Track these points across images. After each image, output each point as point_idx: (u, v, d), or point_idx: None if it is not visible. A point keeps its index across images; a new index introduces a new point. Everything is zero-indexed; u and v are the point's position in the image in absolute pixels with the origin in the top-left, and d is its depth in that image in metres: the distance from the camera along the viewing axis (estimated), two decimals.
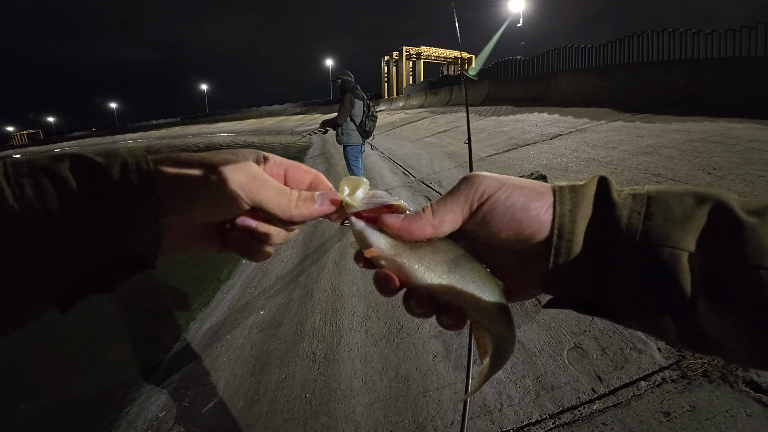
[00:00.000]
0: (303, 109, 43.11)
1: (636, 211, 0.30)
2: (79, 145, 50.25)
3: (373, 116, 4.76)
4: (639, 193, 0.31)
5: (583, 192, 0.33)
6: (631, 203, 0.31)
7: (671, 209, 0.30)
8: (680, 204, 0.30)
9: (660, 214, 0.30)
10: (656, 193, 0.31)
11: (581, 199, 0.32)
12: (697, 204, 0.29)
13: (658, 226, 0.29)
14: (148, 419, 2.22)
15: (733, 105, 7.03)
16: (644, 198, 0.31)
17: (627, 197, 0.31)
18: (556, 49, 14.52)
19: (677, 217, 0.29)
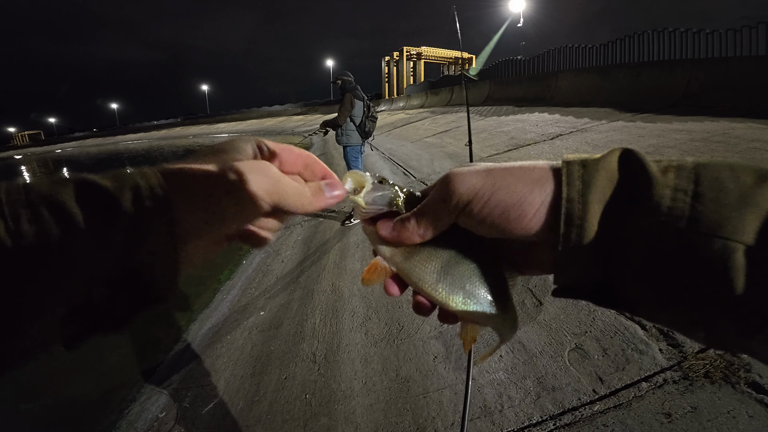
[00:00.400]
0: (304, 109, 43.14)
1: (681, 190, 0.25)
2: (80, 145, 50.35)
3: (373, 117, 4.76)
4: (684, 166, 0.26)
5: (598, 167, 0.27)
6: (675, 179, 0.25)
7: (726, 189, 0.24)
8: (736, 182, 0.24)
9: (711, 194, 0.24)
10: (705, 167, 0.25)
11: (596, 177, 0.27)
12: (758, 183, 0.24)
13: (710, 210, 0.24)
14: (149, 420, 2.22)
15: (734, 105, 7.02)
16: (691, 173, 0.25)
17: (669, 170, 0.26)
18: (557, 49, 14.50)
19: (733, 199, 0.24)
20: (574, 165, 0.28)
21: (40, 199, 0.24)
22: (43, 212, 0.24)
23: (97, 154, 31.58)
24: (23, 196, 0.24)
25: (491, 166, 0.31)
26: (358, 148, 4.77)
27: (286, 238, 4.84)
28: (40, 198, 0.24)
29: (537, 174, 0.29)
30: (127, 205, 0.26)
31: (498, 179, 0.30)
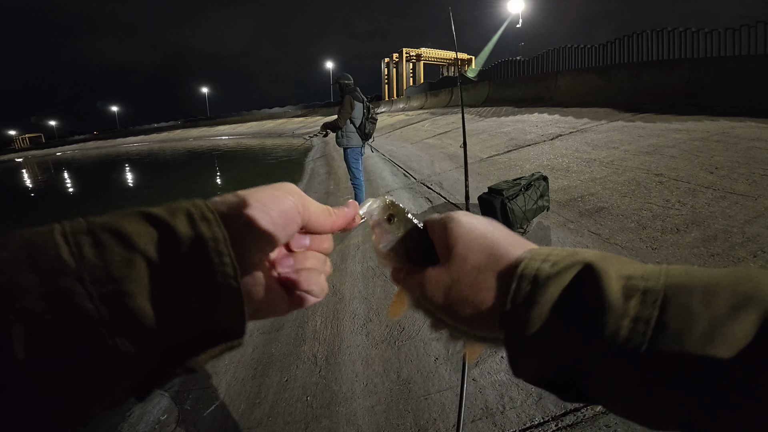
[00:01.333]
0: (304, 111, 43.22)
1: (643, 320, 0.23)
2: (81, 148, 50.42)
3: (372, 118, 4.76)
4: (652, 289, 0.24)
5: (546, 287, 0.27)
6: (638, 307, 0.24)
7: (693, 320, 0.22)
8: (707, 310, 0.22)
9: (676, 326, 0.22)
10: (677, 289, 0.23)
11: (540, 297, 0.27)
12: (731, 312, 0.22)
13: (670, 343, 0.22)
14: (150, 422, 2.22)
15: (733, 104, 7.02)
16: (657, 299, 0.23)
17: (633, 295, 0.24)
18: (556, 50, 14.52)
19: (699, 333, 0.22)
20: (524, 281, 0.28)
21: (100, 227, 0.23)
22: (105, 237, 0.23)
23: (98, 157, 31.61)
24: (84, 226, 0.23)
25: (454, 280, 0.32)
26: (358, 150, 4.77)
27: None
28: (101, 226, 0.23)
29: (489, 293, 0.30)
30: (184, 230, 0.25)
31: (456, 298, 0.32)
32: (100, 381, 0.22)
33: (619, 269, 0.26)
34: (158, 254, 0.24)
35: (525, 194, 3.69)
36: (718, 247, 2.81)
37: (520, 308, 0.27)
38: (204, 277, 0.25)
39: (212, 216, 0.26)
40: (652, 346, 0.22)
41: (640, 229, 3.31)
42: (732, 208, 3.31)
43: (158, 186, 13.39)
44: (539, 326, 0.27)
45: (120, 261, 0.22)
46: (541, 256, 0.29)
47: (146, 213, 0.25)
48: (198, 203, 0.27)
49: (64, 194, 14.25)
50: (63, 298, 0.21)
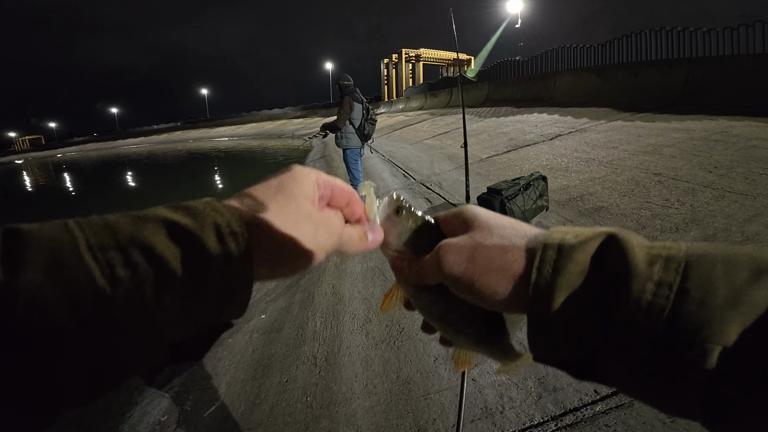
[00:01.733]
0: (303, 112, 43.23)
1: (666, 285, 0.23)
2: (80, 150, 50.44)
3: (372, 119, 4.77)
4: (674, 256, 0.24)
5: (572, 255, 0.27)
6: (661, 272, 0.24)
7: (714, 288, 0.22)
8: (728, 279, 0.22)
9: (698, 293, 0.22)
10: (698, 258, 0.24)
11: (566, 265, 0.27)
12: (751, 279, 0.22)
13: (693, 311, 0.22)
14: (150, 423, 2.22)
15: (732, 103, 7.03)
16: (680, 265, 0.24)
17: (656, 261, 0.24)
18: (555, 50, 14.52)
19: (721, 299, 0.22)
20: (549, 249, 0.28)
21: (129, 242, 0.23)
22: (136, 258, 0.23)
23: (98, 159, 31.62)
24: (110, 237, 0.23)
25: (478, 245, 0.31)
26: (357, 150, 4.78)
27: None
28: (129, 241, 0.23)
29: (516, 258, 0.29)
30: (213, 246, 0.25)
31: (483, 265, 0.30)
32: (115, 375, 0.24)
33: (640, 240, 0.27)
34: (186, 273, 0.24)
35: (524, 194, 3.70)
36: None
37: (546, 277, 0.27)
38: (223, 293, 0.26)
39: (240, 230, 0.27)
40: (676, 309, 0.23)
41: (639, 228, 3.31)
42: (731, 207, 3.31)
43: (159, 188, 13.40)
44: (567, 295, 0.26)
45: (151, 284, 0.23)
46: (562, 230, 0.29)
47: (173, 224, 0.25)
48: (225, 214, 0.27)
49: (67, 196, 14.26)
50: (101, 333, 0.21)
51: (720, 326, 0.22)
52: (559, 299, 0.26)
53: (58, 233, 0.22)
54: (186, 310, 0.25)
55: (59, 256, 0.21)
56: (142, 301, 0.22)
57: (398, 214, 0.38)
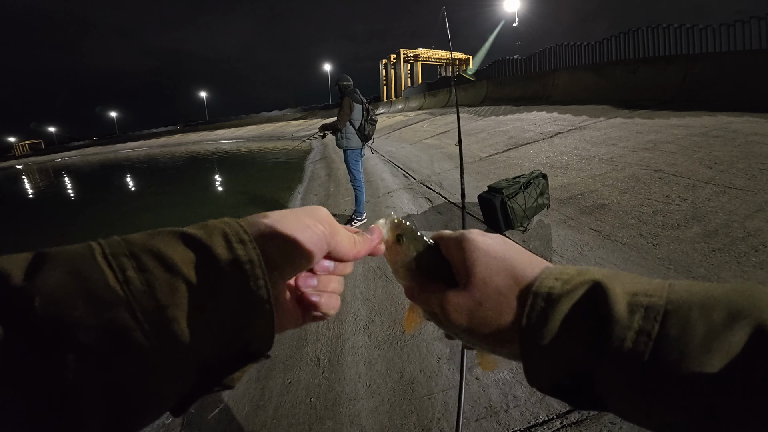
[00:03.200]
0: (303, 114, 43.25)
1: (645, 333, 0.25)
2: (80, 154, 50.47)
3: (372, 120, 4.77)
4: (654, 306, 0.26)
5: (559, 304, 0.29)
6: (641, 321, 0.26)
7: (692, 331, 0.24)
8: (704, 320, 0.24)
9: (676, 335, 0.24)
10: (678, 304, 0.26)
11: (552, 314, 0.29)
12: (727, 323, 0.24)
13: (670, 351, 0.24)
14: (155, 426, 2.21)
15: (730, 99, 7.03)
16: (659, 314, 0.26)
17: (637, 310, 0.26)
18: (553, 48, 14.53)
19: (698, 341, 0.24)
20: (538, 299, 0.30)
21: (141, 249, 0.24)
22: (147, 261, 0.24)
23: (97, 163, 31.64)
24: (123, 246, 0.24)
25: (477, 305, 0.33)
26: (358, 151, 4.78)
27: None
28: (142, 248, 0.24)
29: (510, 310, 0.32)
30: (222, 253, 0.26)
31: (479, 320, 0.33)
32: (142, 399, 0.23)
33: (624, 286, 0.28)
34: (198, 277, 0.25)
35: (525, 192, 3.70)
36: (719, 242, 2.82)
37: (535, 324, 0.30)
38: (240, 300, 0.27)
39: (248, 238, 0.28)
40: (654, 355, 0.25)
41: (640, 225, 3.31)
42: (732, 203, 3.31)
43: (161, 192, 13.39)
44: (551, 338, 0.29)
45: (164, 286, 0.24)
46: (553, 275, 0.31)
47: (184, 234, 0.26)
48: (233, 224, 0.28)
49: (69, 201, 14.25)
50: (116, 332, 0.22)
51: (697, 365, 0.23)
52: (545, 341, 0.29)
53: (78, 248, 0.24)
54: (202, 316, 0.25)
55: (75, 263, 0.22)
56: (157, 303, 0.23)
57: (399, 242, 0.39)
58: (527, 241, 3.42)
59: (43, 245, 0.24)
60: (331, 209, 5.84)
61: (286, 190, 8.42)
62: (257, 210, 1.57)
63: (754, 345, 0.23)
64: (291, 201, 7.27)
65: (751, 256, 2.60)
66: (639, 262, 2.78)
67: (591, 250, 3.08)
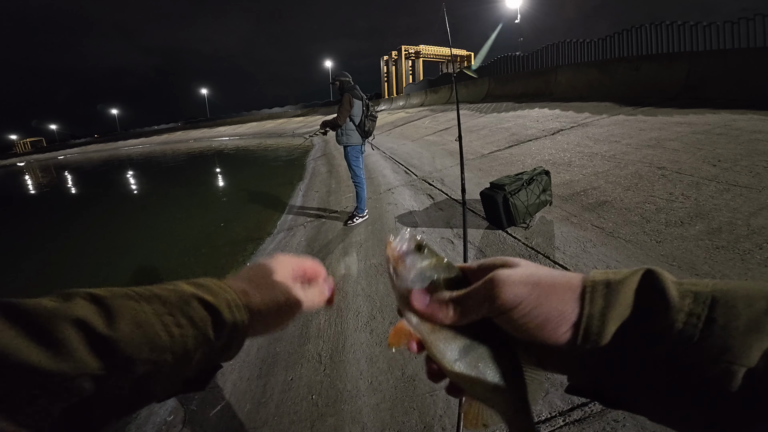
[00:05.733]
0: (303, 111, 43.19)
1: (695, 315, 0.27)
2: (82, 151, 50.51)
3: (372, 116, 4.75)
4: (702, 292, 0.28)
5: (619, 290, 0.30)
6: (691, 305, 0.27)
7: (737, 315, 0.26)
8: (748, 308, 0.26)
9: (723, 320, 0.26)
10: (722, 292, 0.27)
11: (616, 298, 0.29)
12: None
13: (719, 335, 0.26)
14: (157, 423, 2.22)
15: (734, 97, 6.99)
16: (707, 299, 0.27)
17: (687, 295, 0.28)
18: (556, 44, 14.46)
19: (742, 325, 0.25)
20: (599, 285, 0.31)
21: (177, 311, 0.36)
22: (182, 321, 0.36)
23: (99, 160, 31.65)
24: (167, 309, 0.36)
25: (537, 277, 0.32)
26: (358, 147, 4.76)
27: (290, 240, 4.84)
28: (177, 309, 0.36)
29: (571, 287, 0.31)
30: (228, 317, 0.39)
31: (542, 294, 0.31)
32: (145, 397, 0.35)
33: (671, 277, 0.30)
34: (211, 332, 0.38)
35: (527, 189, 3.68)
36: (723, 240, 2.80)
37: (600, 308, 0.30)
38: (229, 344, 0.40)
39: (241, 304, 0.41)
40: (702, 336, 0.26)
41: (643, 222, 3.29)
42: (736, 201, 3.29)
43: (162, 189, 13.40)
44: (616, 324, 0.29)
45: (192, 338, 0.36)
46: (601, 271, 0.32)
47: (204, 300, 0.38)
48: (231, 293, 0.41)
49: (72, 199, 14.29)
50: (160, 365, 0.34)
51: (743, 348, 0.25)
52: (610, 328, 0.29)
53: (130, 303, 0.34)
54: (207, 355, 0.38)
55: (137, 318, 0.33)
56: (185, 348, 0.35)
57: (420, 250, 0.37)
58: (529, 238, 3.41)
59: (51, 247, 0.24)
60: (333, 206, 5.84)
61: (288, 187, 8.41)
62: (258, 208, 1.59)
63: None
64: (292, 198, 7.26)
65: (756, 253, 2.58)
66: (642, 260, 2.77)
67: (594, 246, 3.06)
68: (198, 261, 5.02)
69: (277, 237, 5.16)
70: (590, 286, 0.31)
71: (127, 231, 7.36)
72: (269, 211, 6.71)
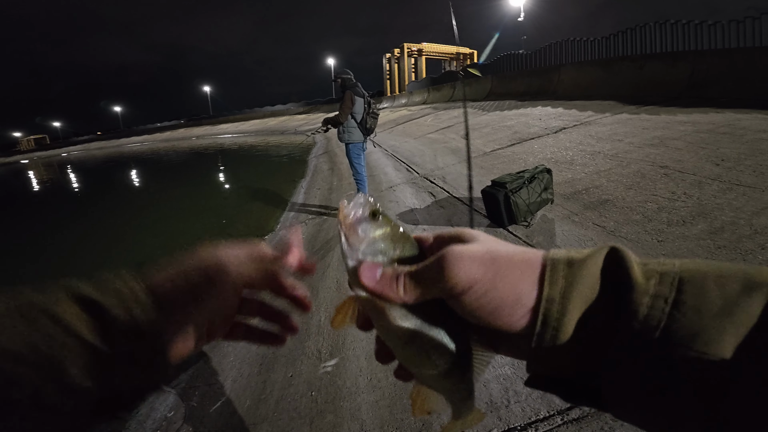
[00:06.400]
0: (306, 108, 43.17)
1: (662, 297, 0.24)
2: (85, 149, 50.70)
3: (374, 113, 4.75)
4: (668, 271, 0.25)
5: (582, 269, 0.26)
6: (657, 286, 0.24)
7: (708, 298, 0.23)
8: (721, 290, 0.23)
9: (692, 302, 0.23)
10: (691, 273, 0.24)
11: (579, 278, 0.26)
12: (745, 292, 0.23)
13: (688, 319, 0.23)
14: (157, 419, 2.23)
15: (738, 96, 6.94)
16: (674, 279, 0.24)
17: (652, 276, 0.25)
18: (559, 43, 14.42)
19: (715, 309, 0.22)
20: (560, 263, 0.27)
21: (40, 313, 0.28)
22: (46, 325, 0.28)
23: (102, 158, 31.76)
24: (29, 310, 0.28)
25: (492, 254, 0.29)
26: (360, 145, 4.76)
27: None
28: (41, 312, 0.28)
29: (529, 265, 0.28)
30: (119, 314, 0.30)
31: (498, 274, 0.28)
32: None
33: (635, 257, 0.27)
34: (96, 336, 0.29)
35: (529, 187, 3.68)
36: (725, 239, 2.79)
37: (560, 289, 0.26)
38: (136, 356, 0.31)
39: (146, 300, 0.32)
40: (669, 322, 0.23)
41: (645, 221, 3.28)
42: (739, 200, 3.27)
43: (164, 185, 13.44)
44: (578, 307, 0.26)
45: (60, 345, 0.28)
46: (565, 249, 0.29)
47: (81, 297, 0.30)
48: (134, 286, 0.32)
49: (74, 196, 14.36)
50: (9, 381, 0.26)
51: (715, 335, 0.22)
52: (571, 313, 0.26)
53: None
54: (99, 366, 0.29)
55: None
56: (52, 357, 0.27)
57: (374, 218, 0.33)
58: (530, 236, 3.40)
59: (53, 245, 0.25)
60: (334, 203, 5.84)
61: (290, 184, 8.42)
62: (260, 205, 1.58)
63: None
64: (294, 195, 7.27)
65: (758, 253, 2.57)
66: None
67: (595, 245, 3.01)
68: None
69: (278, 234, 5.17)
70: (551, 265, 0.27)
71: (128, 228, 7.39)
72: (271, 208, 6.72)
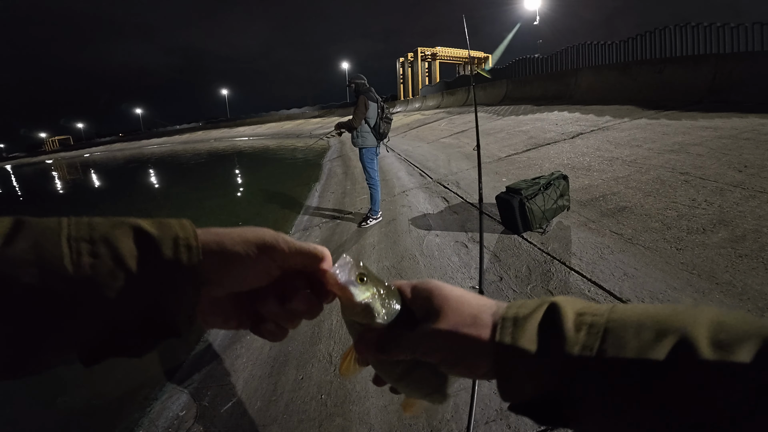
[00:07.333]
0: (321, 112, 43.53)
1: (588, 347, 0.30)
2: (107, 150, 52.03)
3: (387, 118, 4.76)
4: (596, 323, 0.31)
5: (525, 324, 0.33)
6: (584, 337, 0.30)
7: (625, 347, 0.28)
8: (637, 340, 0.28)
9: (612, 352, 0.29)
10: (615, 323, 0.30)
11: (521, 334, 0.33)
12: (655, 340, 0.28)
13: None
14: (170, 418, 2.27)
15: (762, 101, 6.74)
16: (600, 331, 0.30)
17: (582, 328, 0.31)
18: (576, 46, 14.23)
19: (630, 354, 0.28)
20: (507, 322, 0.34)
21: (100, 239, 0.29)
22: (102, 251, 0.28)
23: (123, 158, 32.56)
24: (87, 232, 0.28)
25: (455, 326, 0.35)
26: (373, 149, 4.78)
27: (306, 240, 4.88)
28: (100, 238, 0.29)
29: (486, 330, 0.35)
30: (168, 253, 0.31)
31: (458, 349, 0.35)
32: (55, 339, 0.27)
33: (575, 307, 0.33)
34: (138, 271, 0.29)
35: (544, 193, 3.63)
36: (746, 248, 2.70)
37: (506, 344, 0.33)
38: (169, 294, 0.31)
39: (195, 244, 0.32)
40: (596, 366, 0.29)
41: (664, 229, 3.20)
42: (762, 208, 3.17)
43: (183, 186, 13.70)
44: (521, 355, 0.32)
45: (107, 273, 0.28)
46: (517, 305, 0.36)
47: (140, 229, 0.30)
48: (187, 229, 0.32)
49: (97, 194, 14.75)
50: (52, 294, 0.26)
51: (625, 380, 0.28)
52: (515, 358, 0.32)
53: (50, 223, 0.28)
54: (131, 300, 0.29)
55: (43, 238, 0.27)
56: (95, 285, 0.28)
57: (362, 282, 0.38)
58: (546, 243, 3.35)
59: None
60: (348, 207, 5.86)
61: (304, 187, 8.49)
62: (275, 207, 1.61)
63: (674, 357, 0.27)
64: (309, 198, 7.33)
65: None
66: (662, 267, 2.70)
67: (612, 253, 3.00)
68: None
69: (293, 237, 5.21)
70: (500, 324, 0.34)
71: None
72: (286, 210, 6.79)
